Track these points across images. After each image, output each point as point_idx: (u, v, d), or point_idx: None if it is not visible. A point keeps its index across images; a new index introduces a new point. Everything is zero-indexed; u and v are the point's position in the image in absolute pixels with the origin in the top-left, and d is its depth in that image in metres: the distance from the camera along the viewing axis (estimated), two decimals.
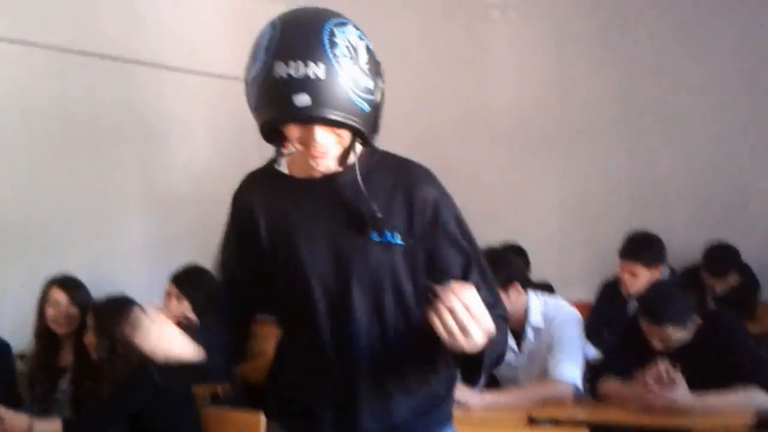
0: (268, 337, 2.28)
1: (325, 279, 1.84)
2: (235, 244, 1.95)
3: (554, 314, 3.65)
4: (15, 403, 3.61)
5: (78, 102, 5.14)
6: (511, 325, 3.58)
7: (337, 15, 1.74)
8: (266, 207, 1.89)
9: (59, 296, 3.89)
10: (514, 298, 3.61)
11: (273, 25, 1.72)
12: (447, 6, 6.44)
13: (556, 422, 3.26)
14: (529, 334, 3.66)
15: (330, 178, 1.82)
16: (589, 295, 4.88)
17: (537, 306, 3.67)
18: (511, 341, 3.68)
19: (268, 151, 1.86)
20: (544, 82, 6.18)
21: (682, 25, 5.73)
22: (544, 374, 3.58)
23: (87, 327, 3.60)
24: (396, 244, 1.81)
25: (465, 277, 1.82)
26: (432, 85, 6.45)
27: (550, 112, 6.15)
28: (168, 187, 5.71)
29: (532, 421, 3.30)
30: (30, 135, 4.88)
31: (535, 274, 5.02)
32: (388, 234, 1.80)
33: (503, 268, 3.57)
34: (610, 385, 3.39)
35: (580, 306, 4.73)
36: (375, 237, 1.80)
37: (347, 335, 1.85)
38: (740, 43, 5.56)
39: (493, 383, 3.70)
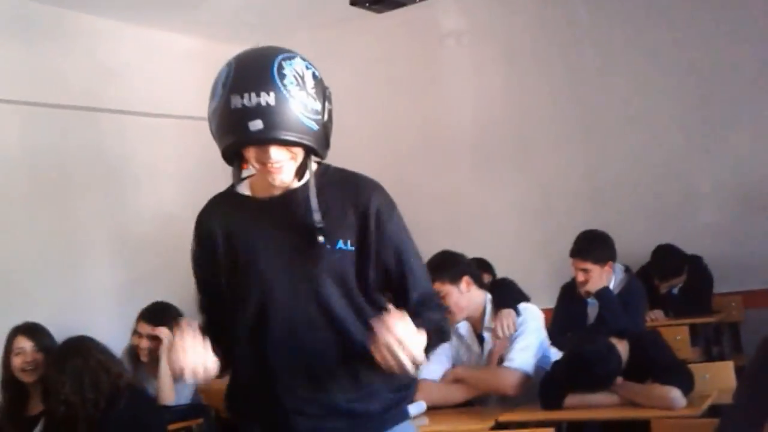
0: None
1: (283, 288, 1.98)
2: (199, 264, 2.10)
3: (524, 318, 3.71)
4: None
5: (45, 152, 5.25)
6: (476, 327, 3.72)
7: (285, 50, 1.95)
8: (226, 228, 2.05)
9: (24, 344, 3.87)
10: (465, 292, 3.70)
11: (229, 63, 1.94)
12: (405, 33, 6.68)
13: (523, 425, 3.34)
14: (486, 335, 3.74)
15: (286, 196, 1.99)
16: (551, 301, 4.93)
17: (514, 317, 3.73)
18: (473, 343, 3.77)
19: None
20: (499, 98, 6.42)
21: (628, 28, 5.96)
22: None
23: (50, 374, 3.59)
24: (348, 250, 1.98)
25: (403, 274, 2.02)
26: (393, 107, 6.71)
27: (506, 127, 6.38)
28: (135, 229, 5.78)
29: (499, 426, 3.37)
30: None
31: None
32: (341, 242, 1.97)
33: (453, 266, 3.71)
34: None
35: (546, 313, 4.83)
36: (328, 245, 1.95)
37: (301, 338, 1.98)
38: (689, 45, 5.75)
39: None
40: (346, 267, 1.98)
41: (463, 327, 3.79)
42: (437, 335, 1.98)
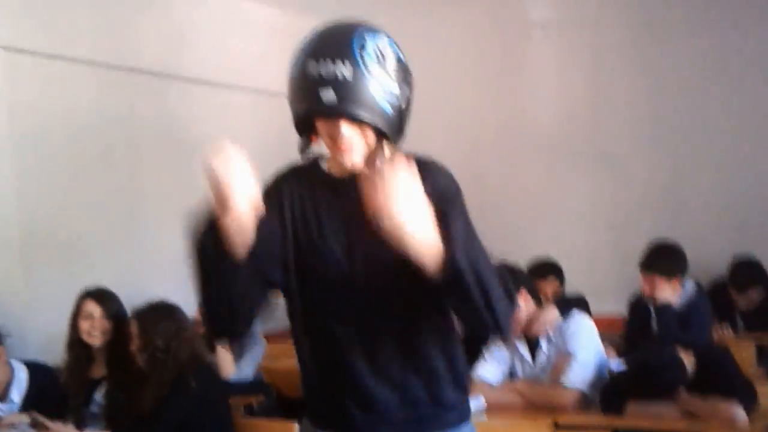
0: None
1: (339, 267, 1.91)
2: (259, 221, 1.89)
3: (568, 325, 3.72)
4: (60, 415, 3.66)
5: (117, 116, 5.25)
6: (528, 335, 3.72)
7: (371, 25, 1.88)
8: (296, 196, 1.97)
9: (93, 309, 3.90)
10: (524, 304, 3.69)
11: (314, 30, 1.87)
12: (490, 22, 6.59)
13: (581, 428, 3.35)
14: (542, 343, 3.73)
15: (358, 177, 1.87)
16: (622, 307, 4.90)
17: (555, 317, 3.74)
18: (526, 353, 3.77)
19: None
20: (582, 96, 6.30)
21: (725, 32, 5.80)
22: None
23: (131, 335, 3.65)
24: None
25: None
26: (471, 97, 6.60)
27: (585, 127, 6.27)
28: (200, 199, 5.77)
29: (557, 427, 3.37)
30: (70, 149, 5.01)
31: (568, 287, 5.07)
32: None
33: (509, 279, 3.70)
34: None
35: (612, 319, 4.79)
36: None
37: (358, 321, 1.92)
38: None
39: None
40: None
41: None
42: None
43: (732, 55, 5.77)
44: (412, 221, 1.69)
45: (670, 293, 4.34)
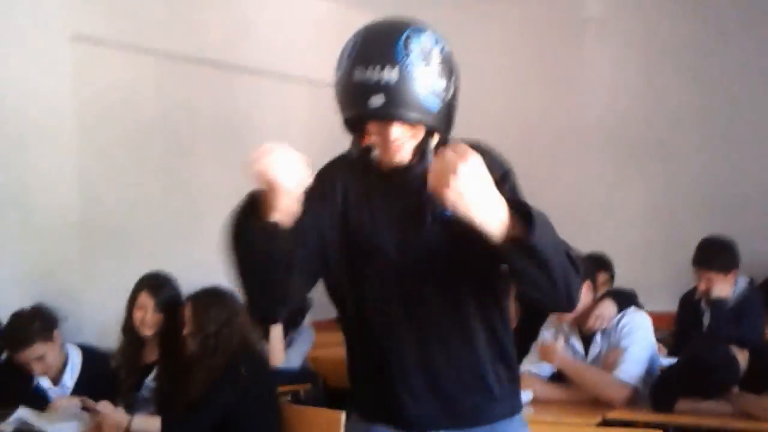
0: None
1: (388, 257, 1.93)
2: (309, 206, 1.89)
3: (624, 320, 3.69)
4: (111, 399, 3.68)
5: (177, 104, 5.35)
6: (582, 328, 3.69)
7: (415, 23, 1.89)
8: (348, 185, 2.01)
9: (146, 301, 3.94)
10: (585, 295, 3.65)
11: (357, 34, 1.90)
12: (545, 18, 6.58)
13: (630, 424, 3.30)
14: (597, 337, 3.71)
15: (407, 170, 1.93)
16: (672, 305, 4.87)
17: (613, 312, 3.71)
18: (579, 346, 3.75)
19: None
20: (634, 93, 6.27)
21: None
22: None
23: (184, 320, 3.67)
24: (463, 229, 1.81)
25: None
26: (526, 93, 6.60)
27: (639, 123, 6.23)
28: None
29: (606, 423, 3.34)
30: (133, 139, 5.11)
31: (618, 283, 5.01)
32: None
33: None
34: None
35: (663, 316, 4.74)
36: (442, 221, 1.88)
37: (407, 312, 1.94)
38: None
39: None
40: (461, 245, 1.86)
41: (567, 327, 3.79)
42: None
43: None
44: (481, 198, 1.69)
45: (726, 289, 4.30)
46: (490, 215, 1.70)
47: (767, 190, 5.74)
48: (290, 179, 1.74)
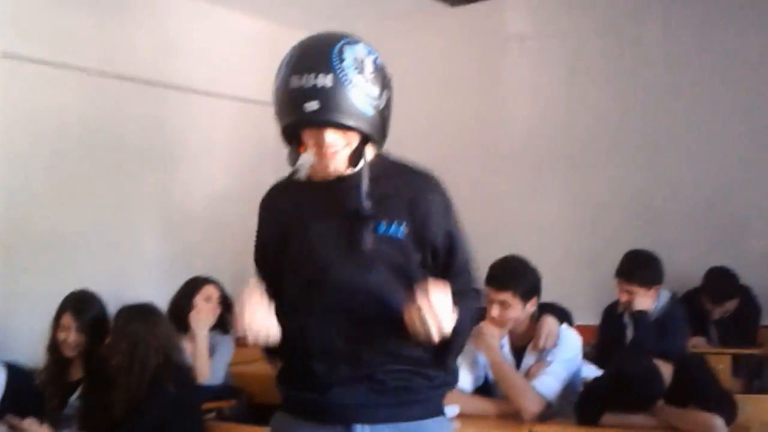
0: None
1: (332, 272, 2.00)
2: (260, 243, 2.15)
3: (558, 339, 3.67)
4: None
5: (104, 121, 5.36)
6: (515, 342, 3.68)
7: (349, 36, 1.99)
8: (285, 209, 2.09)
9: (69, 322, 3.95)
10: (528, 310, 3.65)
11: (294, 46, 2.00)
12: (468, 33, 6.68)
13: None
14: (528, 357, 3.69)
15: (340, 181, 2.01)
16: (595, 318, 4.90)
17: (557, 328, 3.69)
18: (509, 355, 3.72)
19: (285, 173, 2.15)
20: (557, 107, 6.37)
21: (700, 46, 5.87)
22: None
23: (110, 331, 3.65)
24: (399, 239, 1.99)
25: (448, 264, 2.06)
26: (448, 104, 6.70)
27: (561, 137, 6.33)
28: (185, 204, 5.86)
29: None
30: (59, 153, 5.10)
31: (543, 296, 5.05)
32: (393, 229, 1.99)
33: (531, 283, 3.71)
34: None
35: (586, 329, 4.78)
36: (378, 233, 1.97)
37: (348, 323, 2.01)
38: (762, 70, 5.65)
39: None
40: (397, 256, 1.99)
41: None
42: (469, 323, 2.05)
43: (702, 65, 5.82)
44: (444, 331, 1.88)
45: (647, 302, 4.35)
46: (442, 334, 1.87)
47: (686, 200, 5.84)
48: (270, 331, 1.92)
